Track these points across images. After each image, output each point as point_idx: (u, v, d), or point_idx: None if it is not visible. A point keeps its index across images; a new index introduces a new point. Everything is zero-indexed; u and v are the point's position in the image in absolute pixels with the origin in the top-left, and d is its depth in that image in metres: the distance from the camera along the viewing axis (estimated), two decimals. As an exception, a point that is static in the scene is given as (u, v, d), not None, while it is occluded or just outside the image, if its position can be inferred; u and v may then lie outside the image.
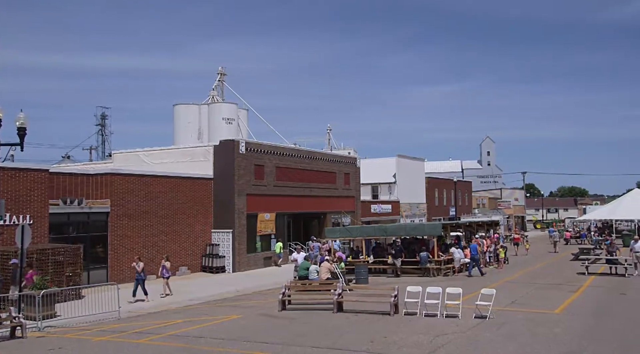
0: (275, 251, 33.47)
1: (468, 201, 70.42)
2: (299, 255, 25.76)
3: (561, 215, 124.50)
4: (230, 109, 44.30)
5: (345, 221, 40.47)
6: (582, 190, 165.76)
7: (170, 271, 22.89)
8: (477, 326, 15.11)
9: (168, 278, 22.44)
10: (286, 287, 18.94)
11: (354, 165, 43.88)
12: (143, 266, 21.15)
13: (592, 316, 16.55)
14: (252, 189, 32.22)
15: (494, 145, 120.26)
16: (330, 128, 73.35)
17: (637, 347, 12.73)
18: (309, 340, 13.73)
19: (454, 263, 28.73)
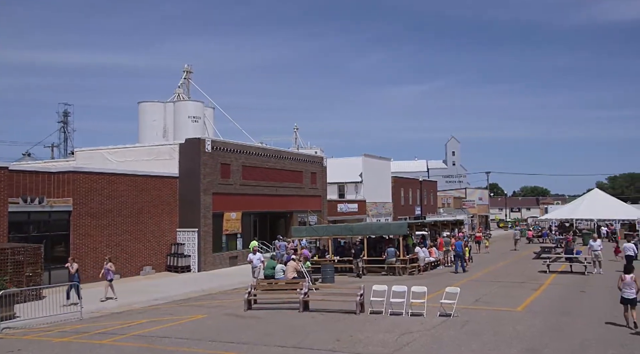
0: (250, 249, 33.47)
1: (433, 200, 71.21)
2: (255, 255, 24.78)
3: (524, 214, 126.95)
4: (197, 107, 43.91)
5: (311, 220, 40.50)
6: (544, 189, 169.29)
7: (113, 274, 21.45)
8: (441, 324, 15.29)
9: (111, 280, 21.14)
10: (252, 286, 18.88)
11: (320, 165, 43.94)
12: (77, 267, 20.09)
13: (553, 314, 16.90)
14: (218, 188, 32.00)
15: (459, 145, 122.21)
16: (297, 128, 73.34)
17: (596, 343, 13.05)
18: (275, 339, 13.70)
19: (419, 262, 29.02)
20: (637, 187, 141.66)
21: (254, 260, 24.48)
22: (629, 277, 14.91)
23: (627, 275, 14.97)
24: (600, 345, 12.89)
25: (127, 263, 28.06)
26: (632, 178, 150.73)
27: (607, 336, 13.84)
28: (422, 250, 29.65)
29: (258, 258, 24.41)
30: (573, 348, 12.69)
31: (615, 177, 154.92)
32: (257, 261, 24.26)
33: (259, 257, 24.53)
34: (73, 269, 19.96)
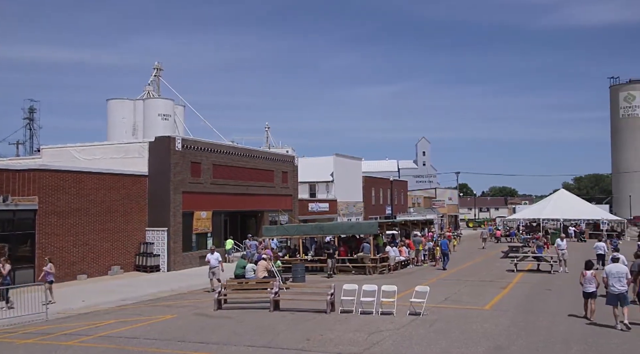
0: (225, 248, 33.35)
1: (404, 200, 71.73)
2: (213, 255, 23.17)
3: (492, 214, 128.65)
4: (167, 105, 43.49)
5: (282, 219, 40.42)
6: (512, 190, 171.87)
7: (53, 276, 20.38)
8: (411, 323, 15.39)
9: (52, 283, 20.08)
10: (222, 286, 18.76)
11: (292, 164, 43.88)
12: (9, 269, 19.16)
13: (520, 312, 17.17)
14: (188, 187, 31.72)
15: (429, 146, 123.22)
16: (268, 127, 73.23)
17: (561, 340, 13.29)
18: (245, 339, 13.63)
19: (389, 261, 29.18)
20: (601, 188, 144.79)
21: (212, 260, 23.01)
22: (589, 273, 15.60)
23: (587, 271, 15.68)
24: (565, 342, 13.13)
25: (95, 262, 27.63)
26: (596, 179, 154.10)
27: (571, 333, 14.11)
28: (392, 249, 29.84)
29: (216, 258, 23.02)
30: (538, 344, 12.91)
31: (580, 177, 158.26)
32: (214, 261, 22.92)
33: (217, 257, 23.15)
34: (5, 270, 18.93)
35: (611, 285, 14.70)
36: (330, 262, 27.63)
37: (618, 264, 15.15)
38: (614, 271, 14.82)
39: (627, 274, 14.99)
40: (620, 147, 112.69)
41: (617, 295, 14.57)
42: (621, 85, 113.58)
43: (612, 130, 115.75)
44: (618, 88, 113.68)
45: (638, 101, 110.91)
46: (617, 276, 14.69)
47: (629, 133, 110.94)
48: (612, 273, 14.80)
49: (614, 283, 14.66)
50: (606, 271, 15.10)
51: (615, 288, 14.59)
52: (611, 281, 14.72)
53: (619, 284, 14.60)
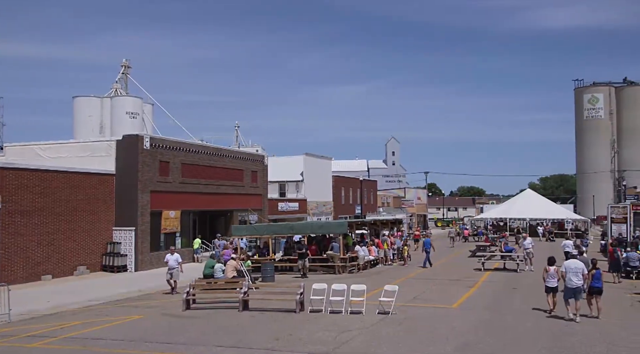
0: (193, 247, 32.99)
1: (373, 199, 72.09)
2: (172, 256, 22.00)
3: (460, 213, 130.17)
4: (135, 103, 42.91)
5: (252, 219, 40.27)
6: (480, 190, 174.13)
7: None
8: (380, 321, 15.49)
9: None
10: (191, 286, 18.60)
11: (261, 163, 43.73)
12: None
13: (487, 310, 17.43)
14: (156, 186, 31.36)
15: (398, 146, 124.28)
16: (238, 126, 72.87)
17: (527, 337, 13.54)
18: (214, 339, 13.55)
19: (358, 260, 29.29)
20: (566, 188, 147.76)
21: (170, 261, 21.95)
22: (552, 268, 16.39)
23: (550, 267, 16.48)
24: (531, 339, 13.39)
25: (60, 262, 27.11)
26: (561, 179, 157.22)
27: (537, 330, 14.38)
28: (361, 249, 29.97)
29: (175, 259, 22.03)
30: (505, 341, 13.13)
31: (546, 177, 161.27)
32: (173, 262, 21.97)
33: (176, 258, 22.13)
34: None
35: (569, 279, 15.54)
36: (303, 262, 27.28)
37: (576, 260, 16.20)
38: (572, 266, 15.70)
39: (584, 270, 15.74)
40: (584, 148, 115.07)
41: (573, 289, 15.44)
42: (585, 87, 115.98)
43: (577, 131, 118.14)
44: (582, 91, 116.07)
45: (601, 103, 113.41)
46: (574, 271, 15.54)
47: (593, 134, 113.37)
48: (570, 268, 15.67)
49: (571, 277, 15.49)
50: (565, 266, 15.92)
51: (573, 282, 15.42)
52: (569, 275, 15.56)
53: (576, 278, 15.44)
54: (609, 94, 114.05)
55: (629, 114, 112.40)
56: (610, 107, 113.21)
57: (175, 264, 21.95)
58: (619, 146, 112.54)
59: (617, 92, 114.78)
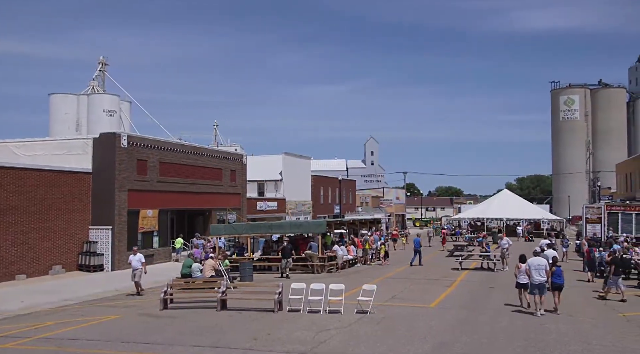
0: (174, 247, 32.74)
1: (352, 199, 72.24)
2: (135, 256, 21.44)
3: (438, 213, 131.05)
4: (112, 101, 42.52)
5: (230, 218, 40.11)
6: (458, 190, 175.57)
7: None
8: (358, 321, 15.52)
9: None
10: (168, 285, 18.45)
11: (240, 162, 43.57)
12: None
13: (465, 309, 17.57)
14: (134, 184, 31.07)
15: (377, 146, 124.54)
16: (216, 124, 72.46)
17: (503, 336, 13.68)
18: (191, 339, 13.46)
19: (337, 260, 29.33)
20: (542, 188, 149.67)
21: (133, 262, 21.39)
22: (524, 266, 17.25)
23: (521, 264, 17.44)
24: (507, 337, 13.53)
25: (35, 262, 26.71)
26: (538, 180, 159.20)
27: (513, 329, 14.55)
28: (340, 248, 30.01)
29: (138, 260, 21.31)
30: (482, 340, 13.25)
31: (523, 178, 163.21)
32: (136, 263, 21.26)
33: (139, 258, 21.38)
34: None
35: (533, 275, 16.49)
36: (285, 262, 26.94)
37: (539, 257, 17.18)
38: (535, 263, 16.70)
39: (546, 266, 16.72)
40: (560, 149, 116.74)
41: (537, 285, 16.37)
42: (561, 89, 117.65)
43: (553, 132, 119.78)
44: (559, 92, 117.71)
45: (577, 105, 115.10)
46: (537, 268, 16.51)
47: (569, 135, 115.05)
48: (533, 265, 16.66)
49: (534, 274, 16.45)
50: (529, 263, 16.93)
51: (536, 279, 16.38)
52: (532, 272, 16.52)
53: (538, 275, 16.40)
54: (584, 96, 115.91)
55: (603, 116, 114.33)
56: (586, 109, 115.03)
57: (139, 265, 21.29)
58: (594, 147, 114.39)
59: (592, 94, 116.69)
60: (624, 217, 37.41)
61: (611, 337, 13.66)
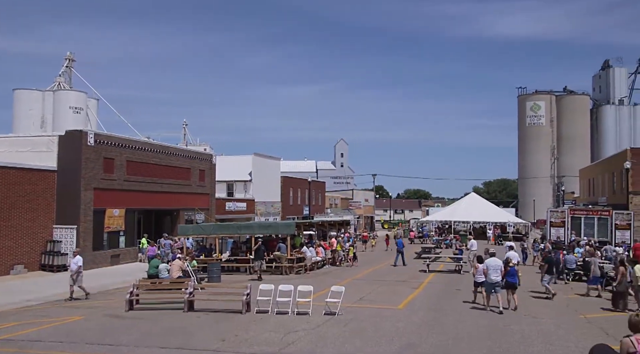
0: (140, 247, 32.31)
1: (321, 201, 72.35)
2: (75, 258, 20.28)
3: (407, 216, 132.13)
4: (79, 98, 41.82)
5: (199, 218, 39.79)
6: (426, 192, 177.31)
7: None
8: (326, 322, 15.54)
9: None
10: (134, 286, 18.20)
11: (209, 162, 43.26)
12: None
13: (431, 311, 17.75)
14: (100, 183, 30.57)
15: (347, 147, 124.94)
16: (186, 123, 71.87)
17: (468, 337, 13.86)
18: (158, 341, 13.30)
19: (305, 261, 29.35)
20: (508, 192, 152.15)
21: (72, 265, 20.39)
22: (481, 266, 18.31)
23: (479, 264, 18.55)
24: (473, 338, 13.71)
25: (-4, 261, 26.08)
26: (504, 184, 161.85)
27: (478, 330, 14.75)
28: (309, 250, 30.04)
29: (75, 263, 20.09)
30: (448, 341, 13.42)
31: (489, 182, 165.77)
32: (73, 266, 20.09)
33: (77, 261, 20.11)
34: None
35: (490, 275, 17.54)
36: (260, 263, 26.48)
37: (495, 258, 18.16)
38: (492, 264, 17.73)
39: (502, 267, 17.82)
40: (526, 154, 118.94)
41: (493, 284, 17.50)
42: (528, 95, 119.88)
43: (519, 137, 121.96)
44: (525, 98, 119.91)
45: (543, 111, 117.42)
46: (493, 268, 17.59)
47: (534, 141, 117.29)
48: (490, 266, 17.69)
49: (491, 273, 17.51)
50: (486, 263, 17.92)
51: (493, 278, 17.50)
52: (489, 271, 17.56)
53: (494, 274, 17.50)
54: (550, 102, 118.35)
55: (568, 122, 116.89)
56: (551, 115, 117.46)
57: (75, 267, 20.10)
58: (559, 152, 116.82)
59: (558, 101, 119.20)
60: (586, 221, 38.26)
61: (573, 338, 13.96)
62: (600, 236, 36.46)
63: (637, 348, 6.77)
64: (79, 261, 20.24)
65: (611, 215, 37.06)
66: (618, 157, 51.44)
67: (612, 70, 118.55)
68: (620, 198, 43.70)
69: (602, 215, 38.04)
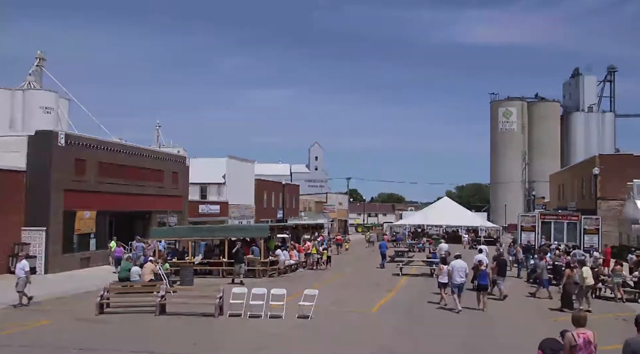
0: (110, 250, 31.87)
1: (295, 204, 72.28)
2: (21, 263, 19.40)
3: (380, 219, 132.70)
4: (49, 97, 41.04)
5: (171, 221, 39.42)
6: (400, 196, 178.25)
7: None
8: (299, 325, 15.53)
9: None
10: (105, 289, 17.93)
11: (183, 164, 42.92)
12: None
13: (404, 314, 17.86)
14: (71, 185, 30.08)
15: (322, 151, 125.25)
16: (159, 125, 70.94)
17: (439, 340, 13.98)
18: (128, 345, 13.13)
19: (279, 264, 29.25)
20: (480, 197, 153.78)
21: (17, 270, 19.40)
22: (445, 267, 19.00)
23: (443, 266, 19.28)
24: (443, 342, 13.83)
25: (-39, 264, 25.46)
26: (476, 189, 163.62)
27: (450, 333, 14.88)
28: (282, 253, 29.96)
29: (21, 268, 19.15)
30: (420, 344, 13.52)
31: (462, 186, 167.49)
32: (19, 271, 19.13)
33: (22, 266, 19.20)
34: None
35: (454, 276, 18.19)
36: (239, 267, 25.55)
37: (460, 260, 18.92)
38: (457, 266, 18.46)
39: (466, 269, 18.68)
40: (498, 159, 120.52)
41: (458, 285, 18.16)
42: (500, 101, 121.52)
43: (492, 142, 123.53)
44: (497, 104, 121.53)
45: (515, 117, 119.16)
46: (459, 270, 18.30)
47: (506, 146, 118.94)
48: (455, 268, 18.40)
49: (456, 275, 18.17)
50: (452, 265, 18.64)
51: (457, 279, 18.15)
52: (454, 273, 18.22)
53: (459, 276, 18.16)
54: (521, 108, 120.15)
55: (539, 128, 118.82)
56: (523, 121, 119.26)
57: (22, 273, 19.16)
58: (530, 158, 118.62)
59: (529, 107, 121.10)
60: (556, 226, 38.88)
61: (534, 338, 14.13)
62: (569, 241, 37.07)
63: (578, 340, 7.72)
64: (26, 266, 19.31)
65: (580, 220, 37.72)
66: (587, 163, 52.48)
67: (582, 78, 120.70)
68: (589, 204, 44.54)
69: (571, 220, 38.71)
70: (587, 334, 7.83)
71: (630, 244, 41.19)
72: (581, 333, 7.83)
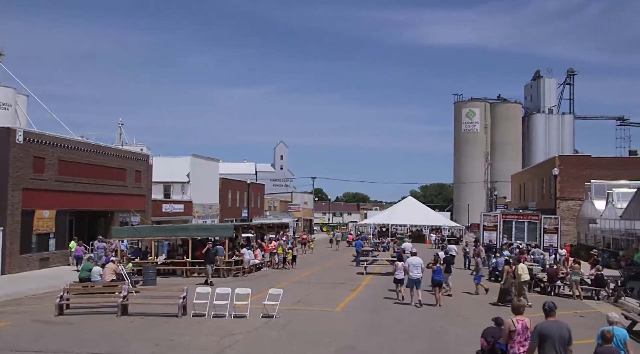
0: (70, 250, 31.18)
1: (260, 203, 72.02)
2: None
3: (345, 218, 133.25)
4: (7, 94, 39.98)
5: (134, 220, 38.84)
6: (365, 196, 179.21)
7: None
8: (264, 325, 15.47)
9: None
10: (64, 290, 17.55)
11: (146, 163, 42.34)
12: None
13: (368, 312, 17.96)
14: (29, 183, 29.37)
15: (287, 150, 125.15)
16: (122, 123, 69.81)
17: (404, 338, 14.11)
18: (88, 346, 12.88)
19: (243, 264, 29.11)
20: (444, 196, 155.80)
21: None
22: (400, 264, 20.14)
23: (399, 262, 20.42)
24: (408, 339, 13.96)
25: None
26: (440, 188, 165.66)
27: (414, 331, 15.03)
28: (247, 252, 29.82)
29: None
30: (384, 342, 13.62)
31: (426, 186, 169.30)
32: None
33: None
34: None
35: (410, 272, 19.12)
36: (210, 267, 25.22)
37: (417, 257, 19.81)
38: (413, 262, 19.31)
39: (422, 265, 19.34)
40: (461, 159, 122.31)
41: (414, 280, 19.01)
42: (464, 102, 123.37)
43: (455, 143, 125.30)
44: (461, 105, 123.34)
45: (478, 118, 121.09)
46: (414, 266, 19.12)
47: (469, 146, 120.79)
48: (412, 263, 19.25)
49: (412, 271, 19.08)
50: (408, 261, 19.61)
51: (414, 275, 19.00)
52: (411, 269, 19.12)
53: (415, 272, 19.02)
54: (484, 109, 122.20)
55: (501, 129, 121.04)
56: (486, 122, 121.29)
57: None
58: (492, 158, 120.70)
59: (492, 108, 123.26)
60: (517, 225, 39.58)
61: (504, 338, 14.40)
62: (530, 240, 37.80)
63: (517, 326, 8.68)
64: None
65: (540, 220, 38.51)
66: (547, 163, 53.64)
67: (543, 80, 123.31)
68: (549, 203, 45.53)
69: (531, 219, 39.48)
70: (525, 321, 8.76)
71: (588, 243, 42.34)
72: (520, 319, 8.77)
